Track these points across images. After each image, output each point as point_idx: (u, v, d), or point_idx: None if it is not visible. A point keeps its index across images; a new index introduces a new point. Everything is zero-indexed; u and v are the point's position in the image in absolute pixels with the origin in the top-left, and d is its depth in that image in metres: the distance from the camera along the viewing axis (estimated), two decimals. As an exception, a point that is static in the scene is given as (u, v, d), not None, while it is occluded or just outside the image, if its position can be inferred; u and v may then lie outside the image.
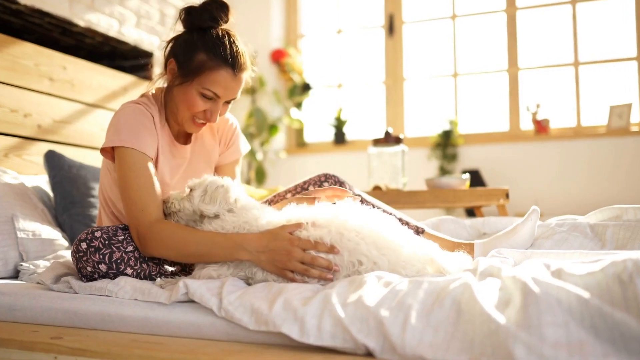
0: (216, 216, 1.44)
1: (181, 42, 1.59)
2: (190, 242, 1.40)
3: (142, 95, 1.70)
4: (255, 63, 1.64)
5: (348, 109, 4.63)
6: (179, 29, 1.63)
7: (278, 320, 1.09)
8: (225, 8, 1.58)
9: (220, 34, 1.55)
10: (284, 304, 1.12)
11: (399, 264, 1.30)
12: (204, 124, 1.63)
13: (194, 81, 1.55)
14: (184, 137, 1.74)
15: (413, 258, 1.32)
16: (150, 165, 1.54)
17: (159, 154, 1.64)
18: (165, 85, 1.67)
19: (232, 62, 1.53)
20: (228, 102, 1.63)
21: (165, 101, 1.67)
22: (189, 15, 1.58)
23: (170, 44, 1.62)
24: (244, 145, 1.87)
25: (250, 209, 1.44)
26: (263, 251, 1.33)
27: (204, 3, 1.58)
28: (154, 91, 1.70)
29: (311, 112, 4.75)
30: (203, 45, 1.54)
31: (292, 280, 1.31)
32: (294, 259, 1.30)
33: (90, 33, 2.94)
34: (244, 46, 1.60)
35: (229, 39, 1.56)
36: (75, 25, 2.83)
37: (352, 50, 4.69)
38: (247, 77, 1.60)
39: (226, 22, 1.60)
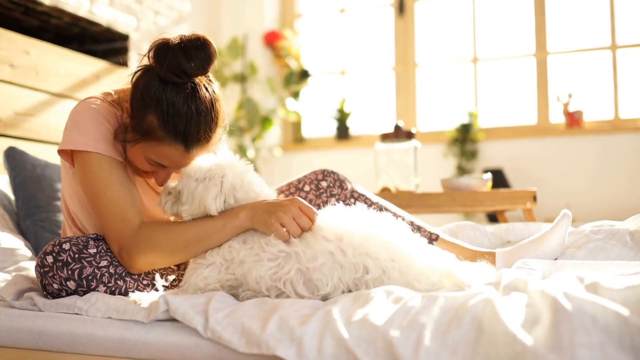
0: None
1: (142, 85, 1.44)
2: (184, 229, 1.43)
3: (106, 94, 1.63)
4: (225, 126, 1.56)
5: (352, 100, 4.63)
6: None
7: (272, 341, 1.09)
8: (207, 58, 1.43)
9: (184, 94, 1.41)
10: (279, 323, 1.12)
11: (411, 274, 1.30)
12: None
13: (140, 143, 1.46)
14: None
15: (428, 269, 1.33)
16: (120, 166, 1.52)
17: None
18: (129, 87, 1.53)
19: (184, 139, 1.42)
20: None
21: None
22: (156, 58, 1.42)
23: (137, 75, 1.48)
24: None
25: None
26: (261, 205, 1.44)
27: (180, 43, 1.40)
28: (114, 93, 1.63)
29: (310, 103, 4.76)
30: (157, 107, 1.41)
31: (277, 232, 1.38)
32: (289, 212, 1.39)
33: (57, 13, 2.94)
34: (218, 109, 1.49)
35: (194, 102, 1.42)
36: (40, 4, 2.83)
37: (357, 32, 4.70)
38: (213, 142, 1.51)
39: (205, 73, 1.47)
